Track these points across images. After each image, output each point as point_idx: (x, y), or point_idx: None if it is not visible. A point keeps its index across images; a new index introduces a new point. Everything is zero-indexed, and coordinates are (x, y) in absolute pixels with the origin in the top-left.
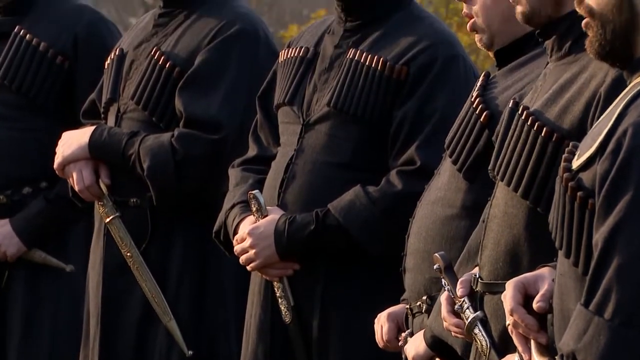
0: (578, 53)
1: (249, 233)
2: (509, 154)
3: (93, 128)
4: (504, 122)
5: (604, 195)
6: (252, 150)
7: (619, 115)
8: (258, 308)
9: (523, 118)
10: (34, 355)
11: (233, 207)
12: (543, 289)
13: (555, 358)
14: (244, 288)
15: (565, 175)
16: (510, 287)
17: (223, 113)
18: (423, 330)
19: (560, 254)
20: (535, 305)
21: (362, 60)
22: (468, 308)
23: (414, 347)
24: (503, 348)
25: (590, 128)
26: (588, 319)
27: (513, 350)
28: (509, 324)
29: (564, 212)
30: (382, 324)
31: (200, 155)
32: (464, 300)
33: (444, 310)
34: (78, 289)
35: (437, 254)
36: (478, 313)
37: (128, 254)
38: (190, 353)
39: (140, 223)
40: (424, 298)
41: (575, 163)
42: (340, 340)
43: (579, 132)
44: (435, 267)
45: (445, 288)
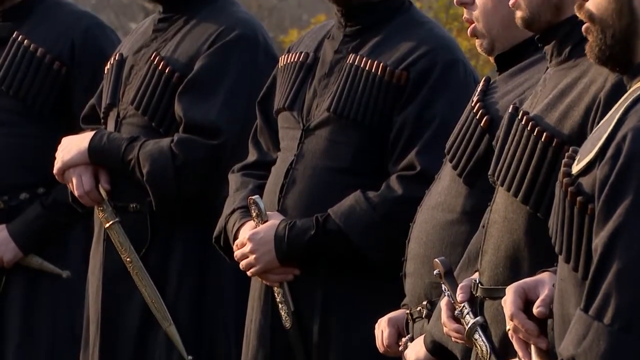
0: (578, 58)
1: (249, 238)
2: (509, 159)
3: (93, 133)
4: (504, 127)
5: (604, 200)
6: (252, 156)
7: (619, 120)
8: (258, 313)
9: (523, 123)
10: None
11: (233, 212)
12: (543, 294)
13: None
14: (244, 293)
15: (565, 180)
16: (511, 292)
17: (222, 118)
18: (423, 336)
19: (560, 259)
20: (536, 310)
21: (362, 66)
22: (468, 313)
23: (414, 352)
24: (503, 353)
25: (590, 133)
26: (588, 324)
27: (513, 356)
28: (509, 329)
29: (564, 217)
30: (382, 329)
31: (200, 160)
32: (464, 306)
33: (444, 316)
34: (76, 294)
35: (437, 259)
36: (478, 318)
37: (128, 259)
38: (190, 358)
39: (140, 228)
40: (425, 303)
41: (575, 168)
42: (341, 346)
43: (579, 137)
44: (435, 272)
45: (445, 293)
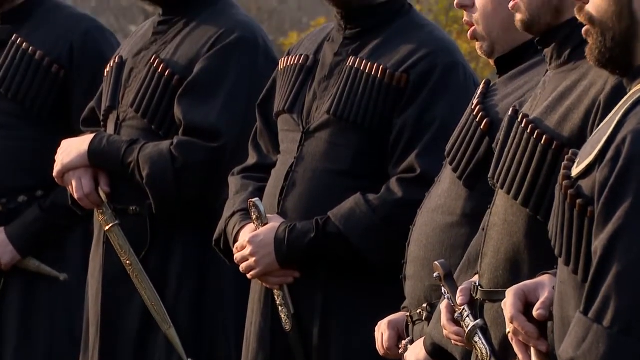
0: (577, 61)
1: (249, 241)
2: (509, 162)
3: (92, 136)
4: (504, 130)
5: (603, 203)
6: (252, 158)
7: (618, 123)
8: (258, 316)
9: (523, 126)
10: None
11: (233, 215)
12: (543, 297)
13: None
14: (244, 296)
15: (565, 183)
16: (511, 294)
17: (222, 121)
18: (423, 338)
19: (560, 262)
20: (536, 313)
21: (361, 68)
22: (468, 316)
23: (414, 354)
24: (503, 356)
25: (590, 136)
26: (587, 327)
27: (513, 358)
28: (509, 332)
29: (564, 219)
30: (382, 332)
31: (200, 163)
32: (464, 309)
33: (444, 319)
34: (74, 297)
35: (436, 262)
36: (478, 321)
37: (127, 262)
38: None
39: (140, 231)
40: (425, 305)
41: (575, 170)
42: (341, 348)
43: (579, 139)
44: (435, 275)
45: (445, 296)
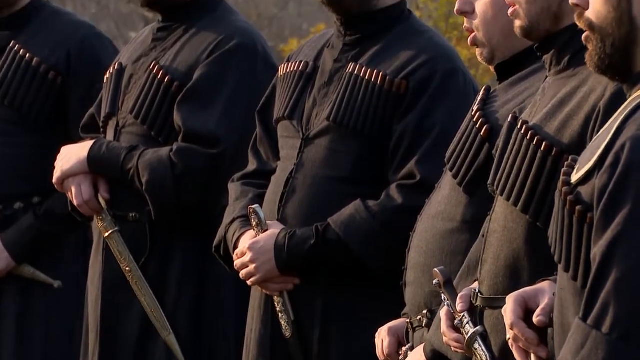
0: (577, 67)
1: (249, 247)
2: (509, 169)
3: (92, 142)
4: (504, 136)
5: (602, 209)
6: (251, 165)
7: (618, 129)
8: (258, 323)
9: (522, 132)
10: None
11: (233, 221)
12: (543, 303)
13: None
14: (244, 302)
15: (565, 189)
16: (511, 301)
17: (221, 127)
18: (423, 345)
19: (560, 268)
20: (536, 320)
21: (361, 75)
22: (468, 323)
23: None
24: None
25: (590, 142)
26: (586, 333)
27: None
28: (510, 338)
29: (563, 226)
30: (382, 338)
31: (199, 170)
32: (464, 315)
33: (444, 325)
34: (70, 303)
35: (436, 269)
36: (478, 328)
37: (127, 269)
38: None
39: (139, 237)
40: (425, 312)
41: (575, 177)
42: (341, 355)
43: (579, 146)
44: (435, 281)
45: (445, 303)
